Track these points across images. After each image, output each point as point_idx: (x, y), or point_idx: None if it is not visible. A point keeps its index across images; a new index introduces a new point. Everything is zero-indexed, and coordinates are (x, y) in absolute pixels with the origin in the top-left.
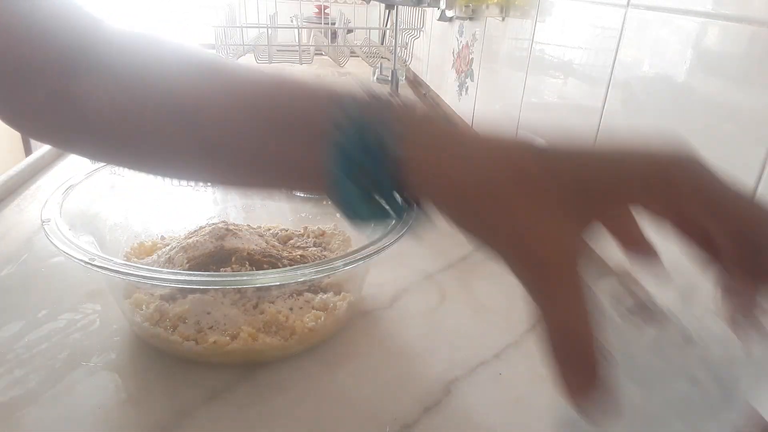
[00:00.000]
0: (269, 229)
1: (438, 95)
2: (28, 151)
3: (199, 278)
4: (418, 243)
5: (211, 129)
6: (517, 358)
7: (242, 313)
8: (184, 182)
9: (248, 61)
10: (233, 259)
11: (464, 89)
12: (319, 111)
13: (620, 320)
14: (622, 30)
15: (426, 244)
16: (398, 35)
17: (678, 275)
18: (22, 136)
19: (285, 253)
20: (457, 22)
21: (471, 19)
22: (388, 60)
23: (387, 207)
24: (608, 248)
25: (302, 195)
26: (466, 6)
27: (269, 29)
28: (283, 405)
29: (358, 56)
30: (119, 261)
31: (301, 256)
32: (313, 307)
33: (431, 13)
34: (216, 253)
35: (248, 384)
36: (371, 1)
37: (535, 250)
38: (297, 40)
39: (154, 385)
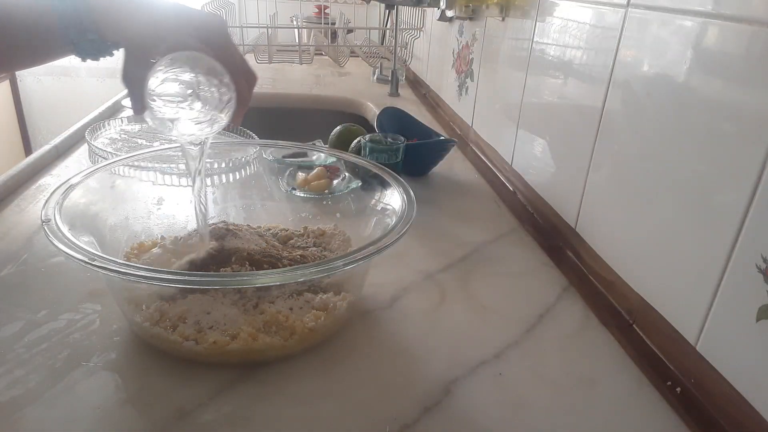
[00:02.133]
0: (269, 229)
1: (438, 95)
2: (28, 151)
3: (199, 278)
4: (418, 243)
5: None
6: (517, 358)
7: (242, 313)
8: None
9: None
10: (233, 259)
11: (464, 89)
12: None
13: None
14: (622, 30)
15: (426, 244)
16: (398, 35)
17: None
18: (22, 136)
19: (285, 253)
20: (457, 22)
21: (471, 19)
22: (388, 60)
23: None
24: None
25: (302, 195)
26: (466, 6)
27: (269, 29)
28: (283, 405)
29: (358, 56)
30: (119, 261)
31: (301, 256)
32: (313, 307)
33: (431, 13)
34: (216, 254)
35: (248, 384)
36: (371, 1)
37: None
38: (297, 40)
39: (154, 385)
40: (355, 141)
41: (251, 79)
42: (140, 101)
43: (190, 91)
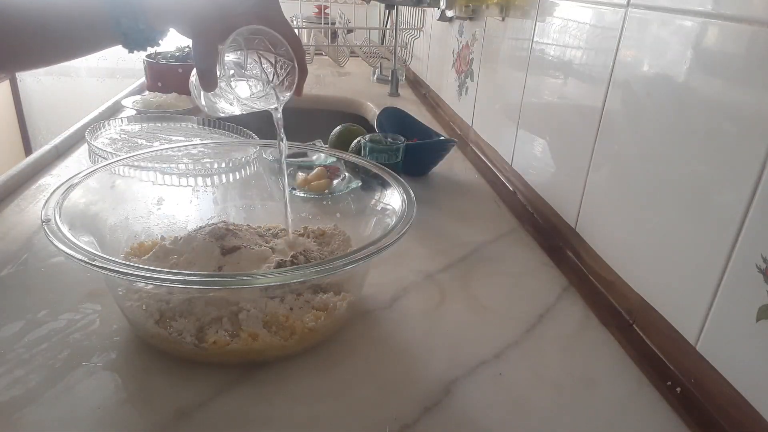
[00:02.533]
0: (269, 229)
1: (438, 95)
2: (28, 151)
3: (199, 278)
4: (418, 243)
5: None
6: (517, 358)
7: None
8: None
9: None
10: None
11: (464, 89)
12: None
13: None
14: (622, 30)
15: (426, 244)
16: (398, 35)
17: None
18: (22, 136)
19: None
20: (457, 22)
21: (471, 19)
22: (388, 60)
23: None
24: None
25: (302, 195)
26: (466, 6)
27: None
28: (283, 405)
29: (358, 56)
30: (119, 261)
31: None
32: (313, 307)
33: (431, 13)
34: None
35: (248, 384)
36: (371, 1)
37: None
38: None
39: (154, 385)
40: (355, 141)
41: (303, 51)
42: (211, 80)
43: (249, 71)
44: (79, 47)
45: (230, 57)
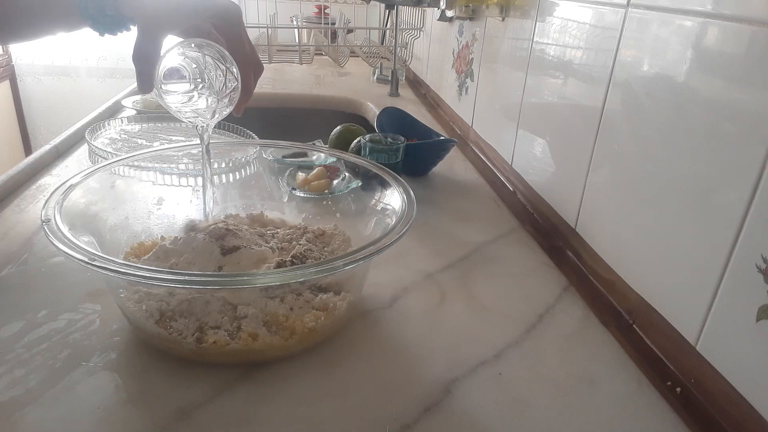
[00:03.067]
0: (270, 229)
1: (438, 95)
2: (28, 151)
3: (199, 278)
4: (418, 243)
5: None
6: (517, 358)
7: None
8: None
9: None
10: None
11: (464, 89)
12: None
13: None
14: (622, 30)
15: (426, 244)
16: (398, 35)
17: None
18: (22, 136)
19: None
20: (457, 22)
21: (471, 19)
22: (388, 60)
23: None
24: None
25: (302, 195)
26: (466, 6)
27: (269, 29)
28: (283, 405)
29: (358, 56)
30: (119, 261)
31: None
32: (313, 307)
33: (431, 13)
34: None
35: (248, 384)
36: (371, 1)
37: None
38: (297, 40)
39: (154, 385)
40: (355, 141)
41: (258, 71)
42: (148, 80)
43: (197, 72)
44: (48, 28)
45: (195, 60)
